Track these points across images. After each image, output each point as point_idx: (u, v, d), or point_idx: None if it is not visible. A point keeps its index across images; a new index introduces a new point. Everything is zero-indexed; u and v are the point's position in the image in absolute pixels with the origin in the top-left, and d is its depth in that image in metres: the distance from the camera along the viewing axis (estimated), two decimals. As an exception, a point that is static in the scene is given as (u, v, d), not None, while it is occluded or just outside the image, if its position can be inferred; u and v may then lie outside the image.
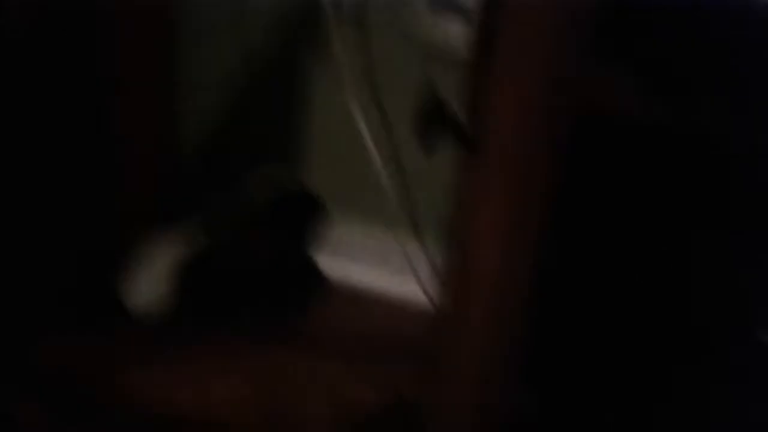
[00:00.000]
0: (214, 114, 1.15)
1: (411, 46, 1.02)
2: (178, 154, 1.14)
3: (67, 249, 0.97)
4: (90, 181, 0.98)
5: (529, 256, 0.58)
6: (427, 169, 1.01)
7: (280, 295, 1.05)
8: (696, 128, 0.53)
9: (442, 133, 0.66)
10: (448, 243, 0.70)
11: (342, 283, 1.11)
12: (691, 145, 0.56)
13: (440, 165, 1.01)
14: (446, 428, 0.69)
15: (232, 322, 1.00)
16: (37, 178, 0.89)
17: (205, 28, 1.09)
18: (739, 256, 0.56)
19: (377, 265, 1.12)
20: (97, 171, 0.98)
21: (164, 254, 0.99)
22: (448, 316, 0.68)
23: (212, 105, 1.14)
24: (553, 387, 0.63)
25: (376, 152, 1.02)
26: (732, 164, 0.55)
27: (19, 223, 0.87)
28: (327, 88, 1.06)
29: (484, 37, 0.58)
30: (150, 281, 0.97)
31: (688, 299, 0.57)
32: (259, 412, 0.87)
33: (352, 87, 1.01)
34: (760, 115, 0.52)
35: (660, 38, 0.56)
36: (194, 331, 0.98)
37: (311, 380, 0.93)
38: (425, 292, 0.98)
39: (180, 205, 1.11)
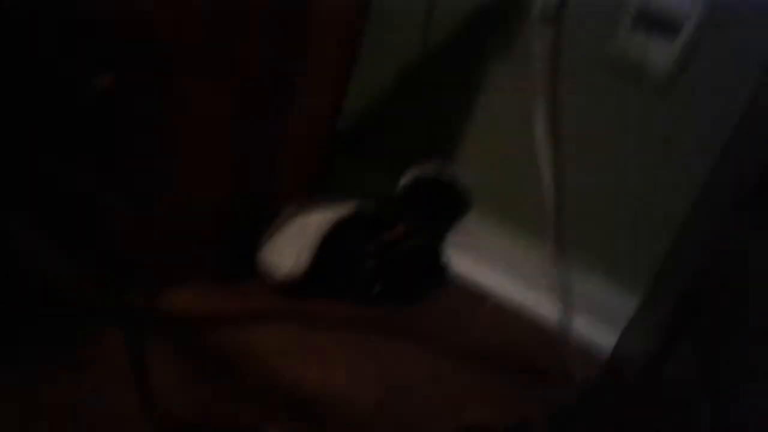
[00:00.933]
0: (388, 98, 1.13)
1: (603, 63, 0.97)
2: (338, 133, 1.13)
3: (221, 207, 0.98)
4: (256, 147, 0.97)
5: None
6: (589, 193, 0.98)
7: (405, 280, 1.04)
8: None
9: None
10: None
11: (470, 282, 1.10)
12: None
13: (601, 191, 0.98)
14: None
15: (359, 299, 1.00)
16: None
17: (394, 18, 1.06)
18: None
19: (511, 273, 1.09)
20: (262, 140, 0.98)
21: (308, 225, 0.98)
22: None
23: (387, 89, 1.13)
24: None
25: (547, 166, 0.98)
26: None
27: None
28: (510, 88, 1.03)
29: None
30: (290, 249, 0.97)
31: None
32: (377, 397, 0.86)
33: (536, 94, 0.97)
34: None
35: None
36: (321, 302, 0.98)
37: (425, 375, 0.93)
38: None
39: (332, 182, 1.11)
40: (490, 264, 1.10)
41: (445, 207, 1.08)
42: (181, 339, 0.86)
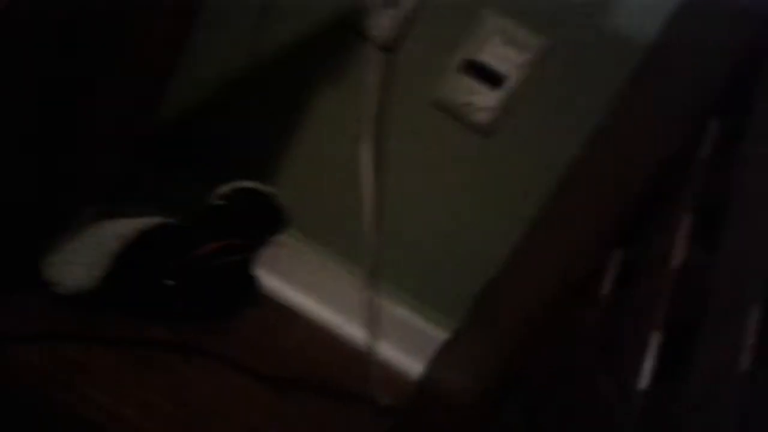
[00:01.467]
0: (208, 107, 1.06)
1: (432, 99, 0.98)
2: (152, 140, 1.04)
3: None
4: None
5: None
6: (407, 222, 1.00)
7: (212, 297, 0.98)
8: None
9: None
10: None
11: (279, 302, 1.07)
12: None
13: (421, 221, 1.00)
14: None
15: (158, 318, 0.92)
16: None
17: (224, 20, 1.00)
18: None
19: (322, 295, 1.08)
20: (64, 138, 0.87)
21: (107, 234, 0.89)
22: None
23: (209, 98, 1.05)
24: None
25: (370, 193, 0.97)
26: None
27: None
28: (337, 109, 1.00)
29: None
30: (82, 258, 0.87)
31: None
32: (171, 422, 0.80)
33: (364, 121, 0.96)
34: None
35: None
36: (113, 320, 0.89)
37: (225, 395, 0.88)
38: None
39: (139, 191, 1.02)
40: (302, 285, 1.08)
41: (260, 222, 1.03)
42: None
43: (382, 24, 0.97)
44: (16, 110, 0.79)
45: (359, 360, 1.05)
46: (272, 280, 1.08)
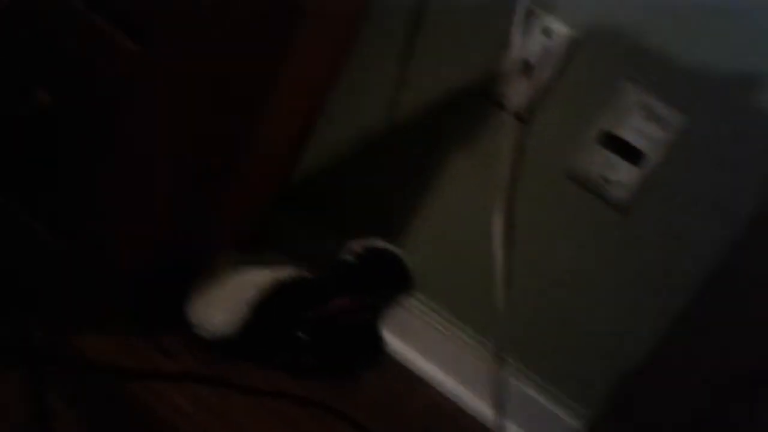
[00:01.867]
0: (343, 165, 1.10)
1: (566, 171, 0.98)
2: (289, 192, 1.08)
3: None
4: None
5: None
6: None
7: (340, 354, 0.99)
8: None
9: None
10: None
11: (404, 365, 1.06)
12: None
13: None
14: None
15: (288, 369, 0.94)
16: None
17: (364, 82, 1.05)
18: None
19: (447, 364, 1.06)
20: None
21: (245, 283, 0.92)
22: None
23: (344, 156, 1.10)
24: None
25: (500, 266, 0.97)
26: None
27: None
28: (470, 176, 1.02)
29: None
30: (222, 305, 0.90)
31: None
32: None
33: (497, 189, 0.97)
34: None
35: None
36: (247, 367, 0.91)
37: None
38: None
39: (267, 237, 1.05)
40: (427, 352, 1.07)
41: (388, 283, 1.04)
42: (86, 388, 0.77)
43: (517, 92, 0.99)
44: (184, 157, 0.85)
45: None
46: (399, 344, 1.07)
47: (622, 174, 0.98)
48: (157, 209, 0.85)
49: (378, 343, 1.04)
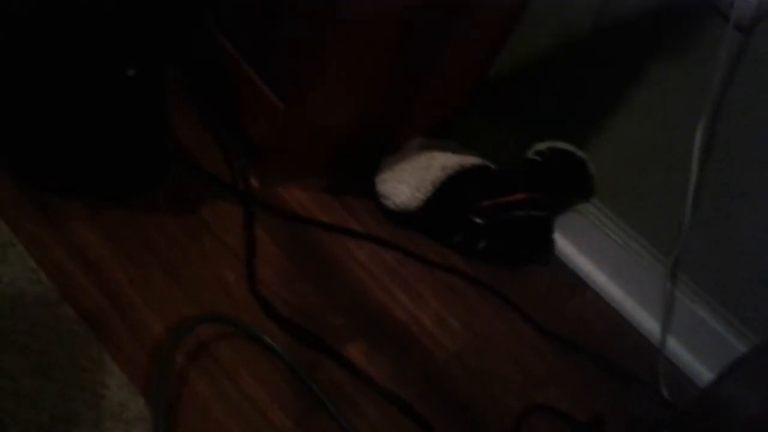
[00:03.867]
0: (540, 64, 1.10)
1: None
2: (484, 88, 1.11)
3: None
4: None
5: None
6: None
7: (510, 245, 1.03)
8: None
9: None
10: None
11: (571, 268, 1.08)
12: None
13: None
14: None
15: (461, 249, 0.99)
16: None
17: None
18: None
19: (616, 274, 1.07)
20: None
21: (433, 163, 0.97)
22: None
23: (543, 55, 1.09)
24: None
25: (692, 184, 0.95)
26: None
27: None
28: (675, 89, 0.98)
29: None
30: (409, 180, 0.96)
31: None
32: (458, 347, 0.87)
33: (704, 104, 0.93)
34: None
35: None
36: (424, 240, 0.98)
37: (510, 336, 0.93)
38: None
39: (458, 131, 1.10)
40: (597, 257, 1.08)
41: (569, 186, 1.05)
42: (288, 233, 0.88)
43: (743, 3, 0.93)
44: (392, 54, 0.90)
45: (642, 345, 1.03)
46: (568, 246, 1.09)
47: None
48: (363, 86, 0.92)
49: (548, 240, 1.07)
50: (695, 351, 1.02)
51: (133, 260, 0.74)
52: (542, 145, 1.05)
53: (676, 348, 1.02)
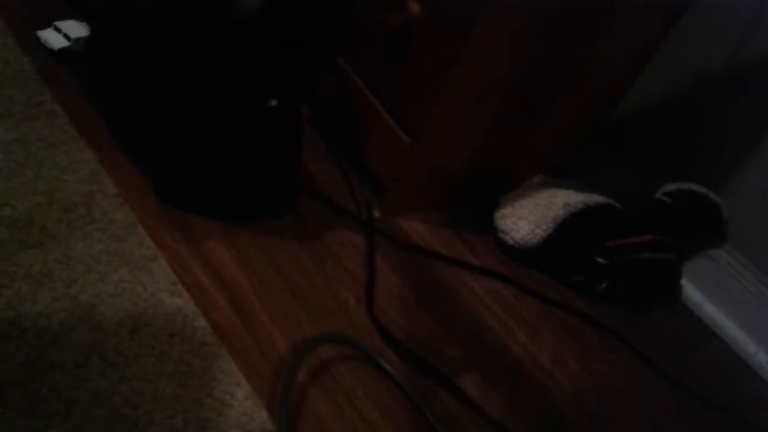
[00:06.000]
0: (672, 102, 1.07)
1: None
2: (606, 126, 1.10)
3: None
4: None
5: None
6: None
7: (634, 287, 0.99)
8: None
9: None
10: None
11: (697, 315, 1.03)
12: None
13: None
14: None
15: (581, 290, 0.98)
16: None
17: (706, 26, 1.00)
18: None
19: (747, 325, 1.01)
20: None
21: (555, 200, 0.96)
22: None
23: (674, 93, 1.07)
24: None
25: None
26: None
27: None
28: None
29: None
30: (529, 217, 0.96)
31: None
32: (577, 388, 0.85)
33: None
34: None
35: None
36: (543, 278, 0.97)
37: (630, 383, 0.90)
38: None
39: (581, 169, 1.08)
40: (727, 306, 1.02)
41: (700, 230, 1.01)
42: (407, 263, 0.90)
43: None
44: (516, 89, 0.91)
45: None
46: (696, 293, 1.04)
47: None
48: (485, 122, 0.94)
49: (675, 285, 1.03)
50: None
51: (262, 281, 0.78)
52: (672, 186, 1.02)
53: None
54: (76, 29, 0.93)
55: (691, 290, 1.04)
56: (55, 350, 0.61)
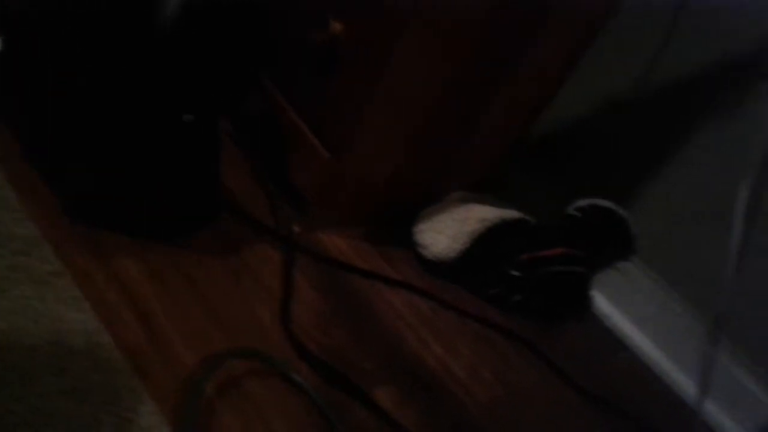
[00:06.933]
0: (584, 121, 1.12)
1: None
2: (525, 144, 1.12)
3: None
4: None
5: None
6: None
7: (546, 300, 1.02)
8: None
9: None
10: None
11: (608, 326, 1.07)
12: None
13: None
14: None
15: (496, 302, 1.00)
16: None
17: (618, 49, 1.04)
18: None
19: (655, 335, 1.05)
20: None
21: (472, 215, 0.98)
22: None
23: (586, 112, 1.11)
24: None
25: (736, 245, 0.93)
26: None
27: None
28: (721, 149, 0.98)
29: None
30: (447, 231, 0.98)
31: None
32: (492, 397, 0.87)
33: (747, 164, 0.92)
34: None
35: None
36: (459, 291, 0.98)
37: (545, 394, 0.92)
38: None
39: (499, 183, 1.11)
40: (635, 317, 1.06)
41: (609, 243, 1.05)
42: (326, 278, 0.90)
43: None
44: (438, 108, 0.93)
45: (678, 408, 1.00)
46: (606, 304, 1.08)
47: None
48: (407, 140, 0.95)
49: (586, 297, 1.06)
50: (733, 414, 0.98)
51: (174, 297, 0.76)
52: (583, 202, 1.06)
53: (714, 411, 0.99)
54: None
55: (601, 301, 1.08)
56: (-54, 370, 0.59)
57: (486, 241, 0.99)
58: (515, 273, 0.99)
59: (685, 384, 1.01)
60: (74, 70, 0.76)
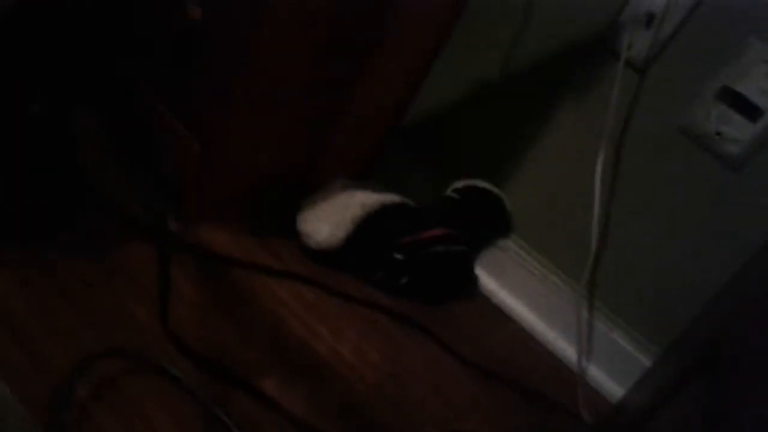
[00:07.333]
0: (456, 105, 1.15)
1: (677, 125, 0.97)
2: (403, 129, 1.15)
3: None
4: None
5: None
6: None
7: (432, 281, 1.04)
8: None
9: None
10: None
11: (493, 303, 1.10)
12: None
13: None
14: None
15: (383, 286, 1.01)
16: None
17: (484, 28, 1.08)
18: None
19: (536, 305, 1.09)
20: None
21: (353, 201, 0.99)
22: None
23: (457, 96, 1.14)
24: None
25: (597, 211, 0.99)
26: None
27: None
28: (578, 123, 1.03)
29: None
30: (329, 219, 0.98)
31: None
32: (379, 380, 0.88)
33: (602, 137, 0.98)
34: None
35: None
36: (344, 277, 0.99)
37: (431, 368, 0.94)
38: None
39: (379, 170, 1.12)
40: (517, 290, 1.10)
41: (487, 222, 1.09)
42: (205, 272, 0.88)
43: (636, 43, 0.99)
44: (305, 95, 0.93)
45: (563, 373, 1.05)
46: (490, 281, 1.12)
47: (739, 130, 0.95)
48: (278, 127, 0.95)
49: (470, 276, 1.09)
50: (613, 374, 1.04)
51: (42, 301, 0.73)
52: (460, 183, 1.09)
53: (595, 373, 1.05)
54: None
55: (486, 279, 1.12)
56: None
57: (368, 226, 0.99)
58: (399, 256, 1.01)
59: (566, 350, 1.06)
60: None
